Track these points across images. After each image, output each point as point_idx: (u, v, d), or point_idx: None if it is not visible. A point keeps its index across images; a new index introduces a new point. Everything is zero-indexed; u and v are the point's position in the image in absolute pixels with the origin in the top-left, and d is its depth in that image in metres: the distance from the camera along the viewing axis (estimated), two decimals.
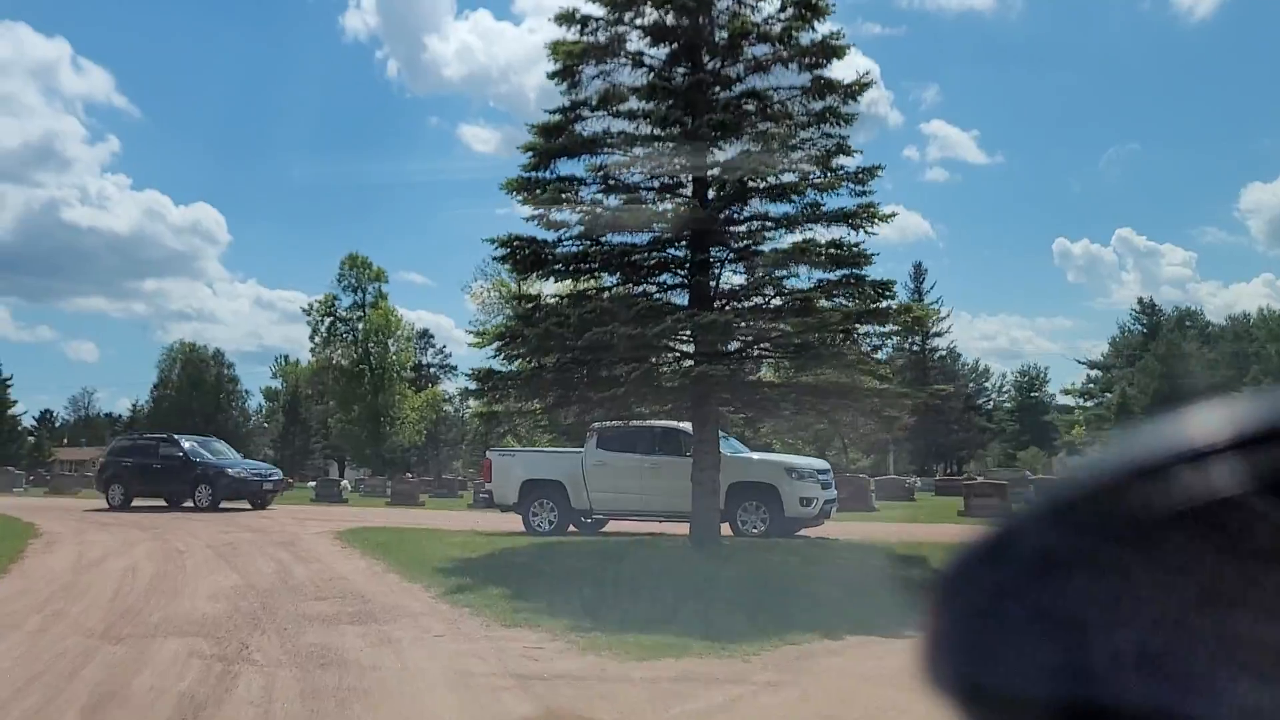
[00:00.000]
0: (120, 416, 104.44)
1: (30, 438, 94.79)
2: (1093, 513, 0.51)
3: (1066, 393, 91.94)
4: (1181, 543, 0.47)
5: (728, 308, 15.45)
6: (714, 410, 15.42)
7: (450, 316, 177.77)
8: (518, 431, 25.36)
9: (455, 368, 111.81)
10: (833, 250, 14.66)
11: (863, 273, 15.00)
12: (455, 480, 42.35)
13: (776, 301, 15.70)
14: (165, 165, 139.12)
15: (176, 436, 29.52)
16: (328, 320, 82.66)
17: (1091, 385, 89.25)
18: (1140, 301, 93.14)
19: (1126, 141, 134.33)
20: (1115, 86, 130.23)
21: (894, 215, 15.39)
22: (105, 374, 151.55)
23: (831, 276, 15.11)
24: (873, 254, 14.98)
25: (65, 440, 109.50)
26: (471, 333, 17.85)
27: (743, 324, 15.43)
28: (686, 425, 18.54)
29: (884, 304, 15.19)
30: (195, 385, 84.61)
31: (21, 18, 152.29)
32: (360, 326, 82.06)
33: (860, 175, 15.10)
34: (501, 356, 16.03)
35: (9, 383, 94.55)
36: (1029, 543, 0.54)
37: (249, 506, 27.37)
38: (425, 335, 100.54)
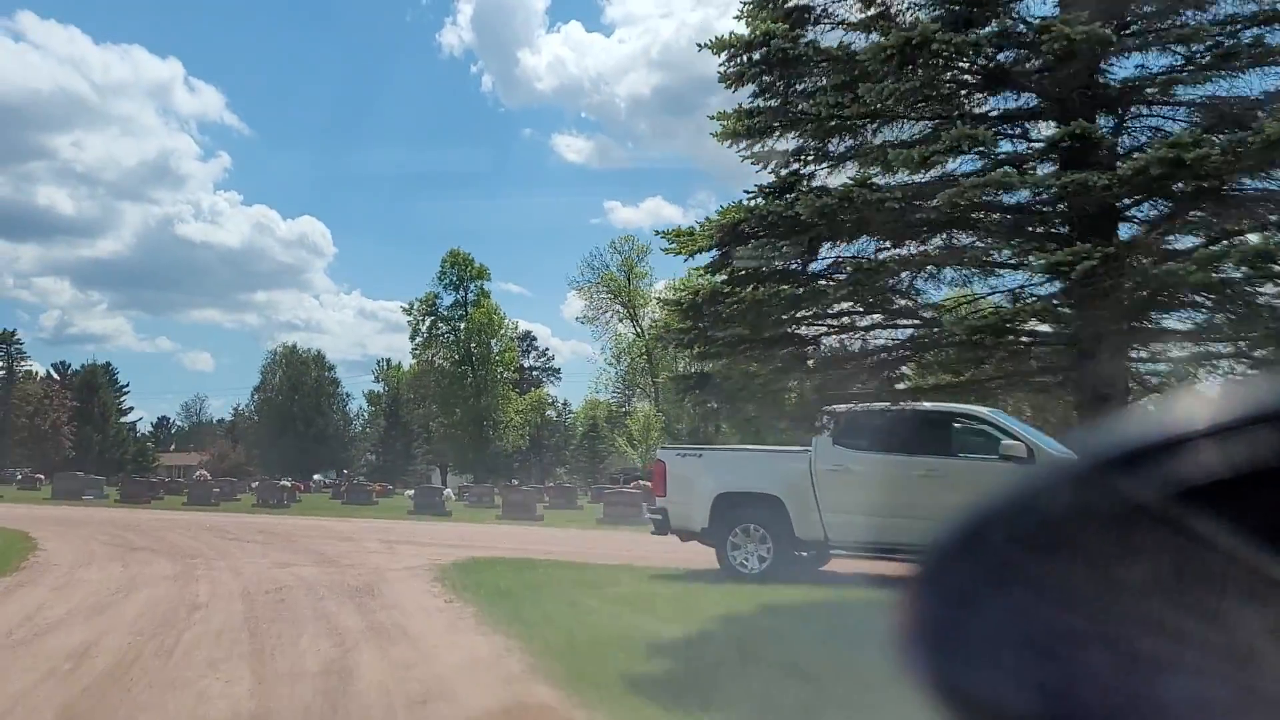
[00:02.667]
0: (223, 420, 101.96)
1: (148, 444, 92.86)
2: (1070, 501, 0.48)
3: None
4: (1154, 532, 0.45)
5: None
6: (1117, 376, 8.26)
7: (546, 325, 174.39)
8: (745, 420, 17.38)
9: (558, 371, 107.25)
10: None
11: None
12: (572, 488, 35.89)
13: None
14: (273, 180, 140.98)
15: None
16: (429, 320, 77.93)
17: None
18: None
19: None
20: None
21: None
22: (220, 383, 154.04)
23: None
24: None
25: (173, 446, 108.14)
26: (667, 233, 11.75)
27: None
28: (985, 409, 11.50)
29: None
30: (295, 388, 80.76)
31: (137, 40, 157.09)
32: (462, 326, 77.10)
33: None
34: (728, 270, 9.26)
35: (125, 390, 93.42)
36: (1005, 532, 0.51)
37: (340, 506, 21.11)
38: (527, 338, 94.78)
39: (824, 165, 9.43)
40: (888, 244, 8.72)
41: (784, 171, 9.27)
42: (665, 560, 13.60)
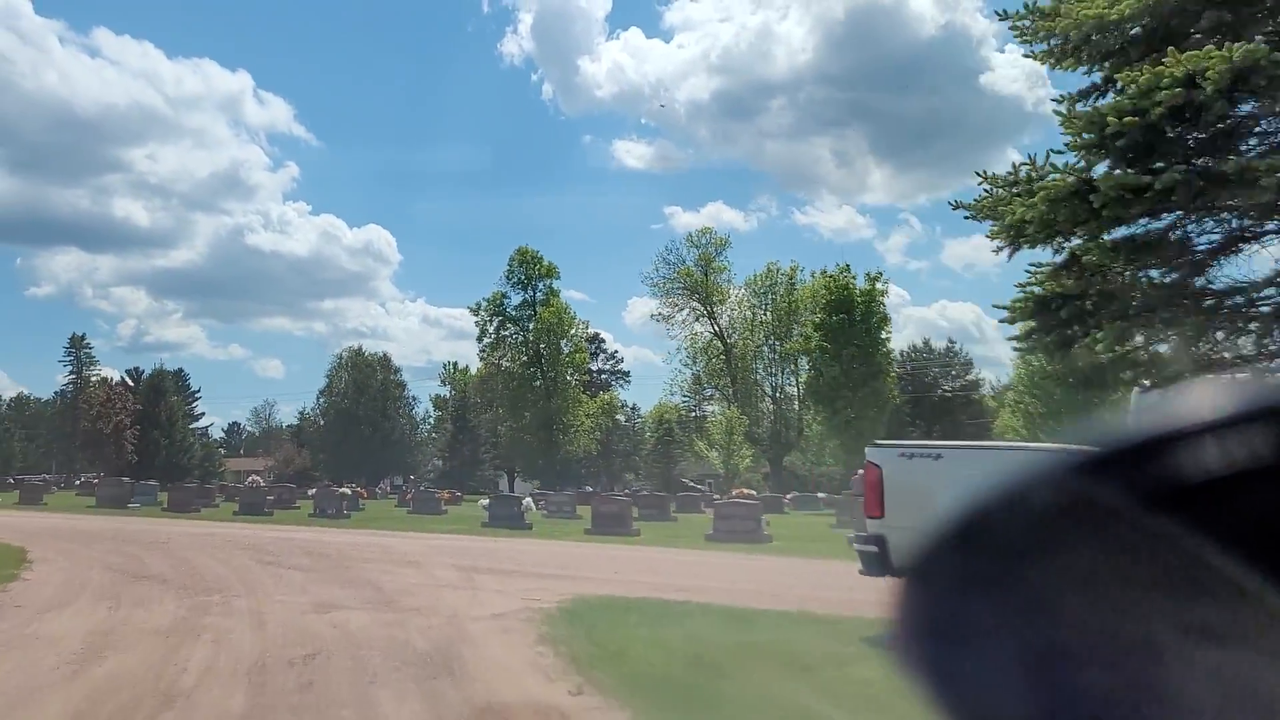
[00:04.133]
0: (291, 426, 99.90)
1: (216, 449, 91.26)
2: (1071, 492, 0.47)
3: None
4: (1159, 522, 0.44)
5: None
6: None
7: (609, 331, 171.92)
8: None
9: (627, 374, 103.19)
10: None
11: None
12: (665, 496, 31.67)
13: None
14: (339, 189, 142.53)
15: None
16: (496, 320, 74.45)
17: None
18: None
19: None
20: None
21: None
22: (290, 389, 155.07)
23: None
24: None
25: (241, 451, 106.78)
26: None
27: None
28: None
29: None
30: (361, 391, 77.98)
31: (208, 54, 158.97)
32: (531, 326, 73.50)
33: None
34: None
35: (196, 395, 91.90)
36: (1005, 524, 0.51)
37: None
38: (595, 340, 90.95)
39: None
40: None
41: None
42: (855, 602, 9.29)
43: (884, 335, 43.54)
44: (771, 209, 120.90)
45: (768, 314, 67.85)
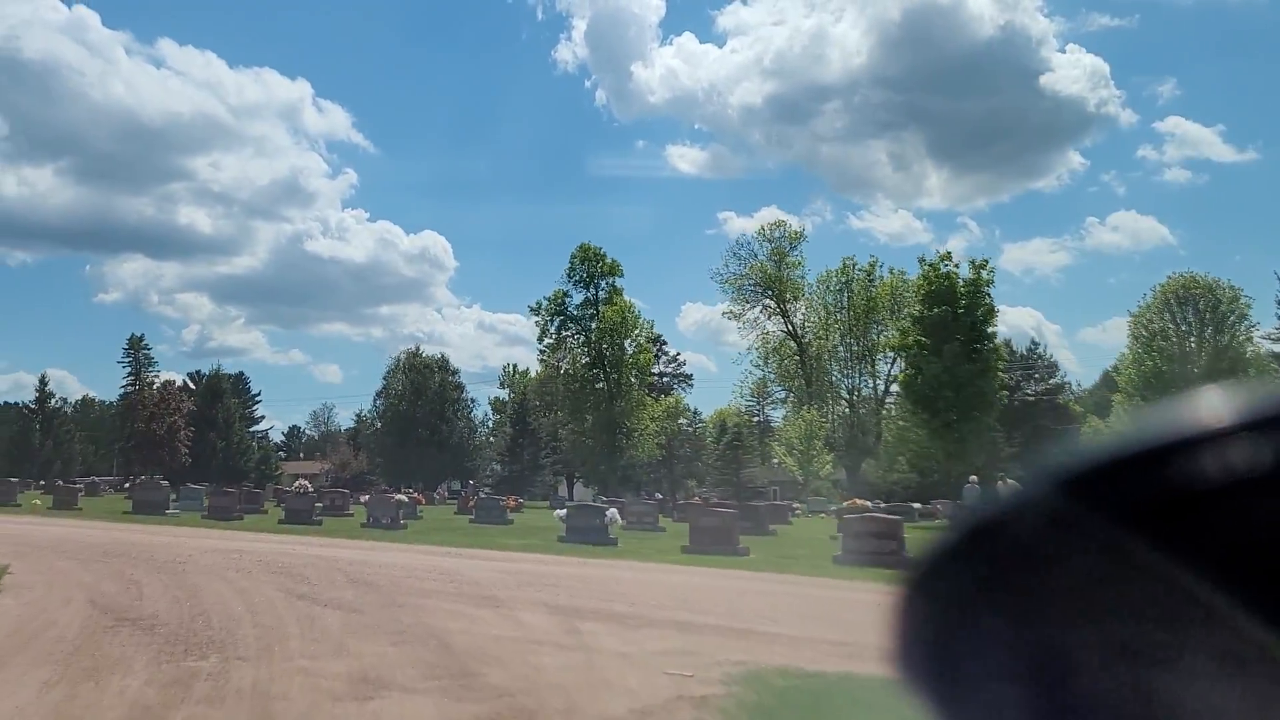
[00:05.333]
0: (349, 429, 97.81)
1: (274, 452, 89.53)
2: (1083, 498, 0.46)
3: None
4: (1176, 531, 0.43)
5: None
6: None
7: (664, 335, 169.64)
8: None
9: (690, 377, 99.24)
10: None
11: None
12: (757, 507, 27.74)
13: None
14: (396, 196, 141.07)
15: None
16: (558, 320, 71.10)
17: None
18: None
19: None
20: None
21: None
22: (349, 394, 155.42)
23: None
24: None
25: (300, 454, 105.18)
26: None
27: None
28: None
29: None
30: (418, 393, 75.18)
31: (268, 63, 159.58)
32: (593, 326, 70.02)
33: None
34: None
35: (257, 399, 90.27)
36: (1011, 534, 0.50)
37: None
38: (657, 341, 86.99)
39: None
40: None
41: None
42: None
43: (990, 329, 39.03)
44: (826, 213, 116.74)
45: (843, 312, 63.63)
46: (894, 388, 63.09)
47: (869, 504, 31.63)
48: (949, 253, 40.40)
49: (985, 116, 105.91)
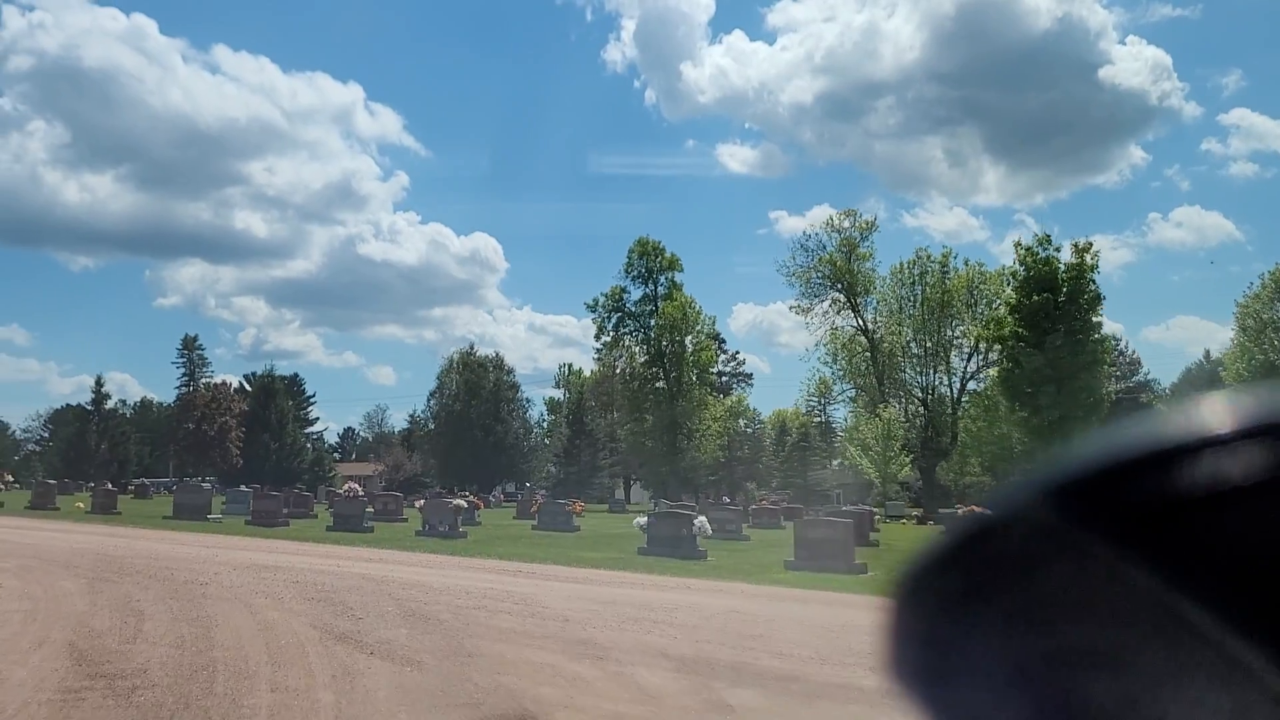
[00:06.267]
0: (402, 430, 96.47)
1: (326, 453, 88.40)
2: (1102, 497, 0.46)
3: None
4: (1175, 536, 0.43)
5: None
6: None
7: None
8: None
9: (750, 376, 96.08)
10: None
11: None
12: (860, 515, 24.68)
13: None
14: (447, 198, 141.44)
15: None
16: (615, 316, 68.52)
17: None
18: None
19: None
20: None
21: None
22: (402, 396, 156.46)
23: None
24: None
25: (354, 456, 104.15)
26: None
27: None
28: None
29: None
30: (473, 393, 73.11)
31: (320, 68, 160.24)
32: (653, 322, 67.27)
33: None
34: None
35: (311, 400, 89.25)
36: (998, 543, 0.50)
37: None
38: (716, 339, 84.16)
39: None
40: None
41: None
42: None
43: (1095, 318, 35.46)
44: (879, 211, 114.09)
45: (916, 306, 60.04)
46: (970, 385, 59.75)
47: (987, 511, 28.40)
48: (1048, 236, 36.91)
49: (1043, 111, 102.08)
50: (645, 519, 18.95)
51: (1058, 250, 35.96)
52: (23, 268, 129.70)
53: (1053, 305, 34.33)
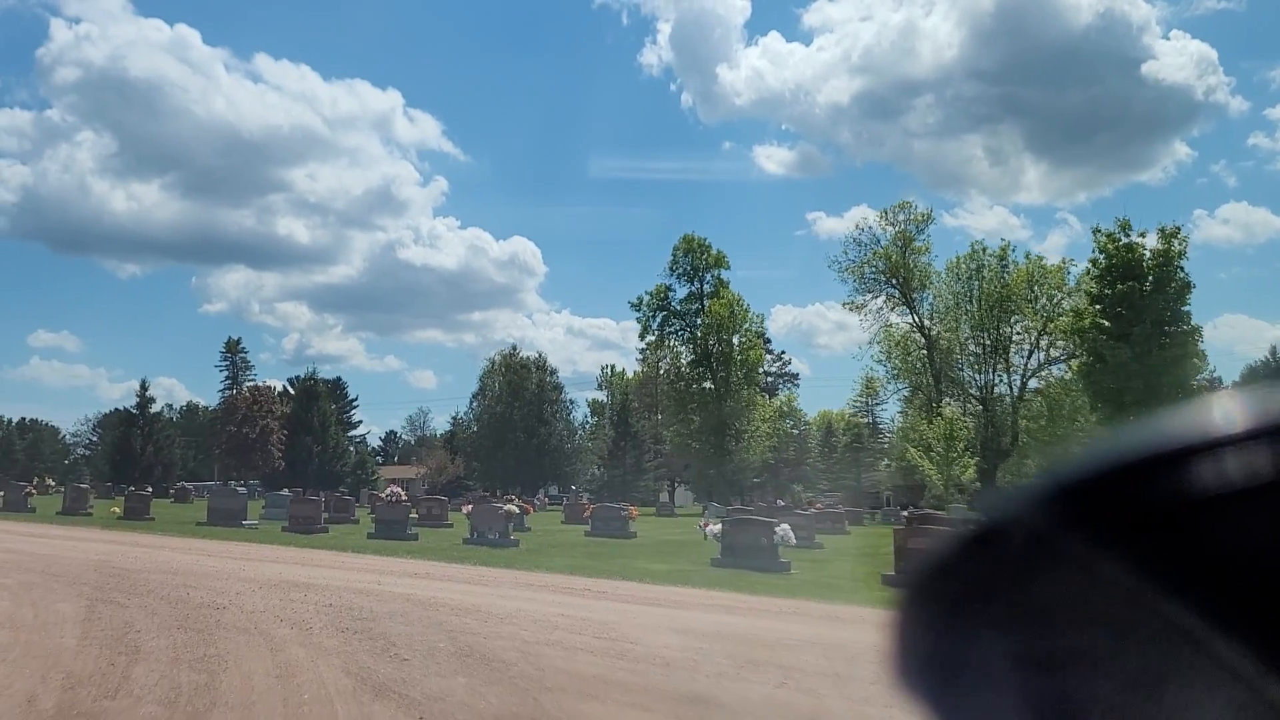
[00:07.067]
0: (444, 433, 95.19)
1: (369, 456, 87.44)
2: (1091, 503, 0.46)
3: None
4: (1188, 537, 0.43)
5: None
6: None
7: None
8: None
9: (796, 376, 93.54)
10: None
11: None
12: (947, 520, 22.41)
13: None
14: (486, 203, 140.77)
15: None
16: (660, 315, 66.46)
17: None
18: None
19: None
20: None
21: None
22: (443, 399, 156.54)
23: None
24: None
25: (396, 459, 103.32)
26: None
27: None
28: None
29: None
30: (516, 395, 71.46)
31: (360, 75, 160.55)
32: (699, 321, 65.13)
33: None
34: None
35: (354, 404, 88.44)
36: (1015, 537, 0.49)
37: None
38: (761, 338, 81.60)
39: None
40: None
41: None
42: None
43: (1185, 307, 32.74)
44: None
45: (973, 302, 57.30)
46: (1031, 383, 56.96)
47: None
48: (1129, 221, 34.15)
49: (1085, 107, 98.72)
50: (717, 526, 16.88)
51: (1141, 236, 33.29)
52: (73, 275, 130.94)
53: (1138, 294, 31.73)
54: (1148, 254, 32.63)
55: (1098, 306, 33.22)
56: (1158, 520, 0.42)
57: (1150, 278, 32.09)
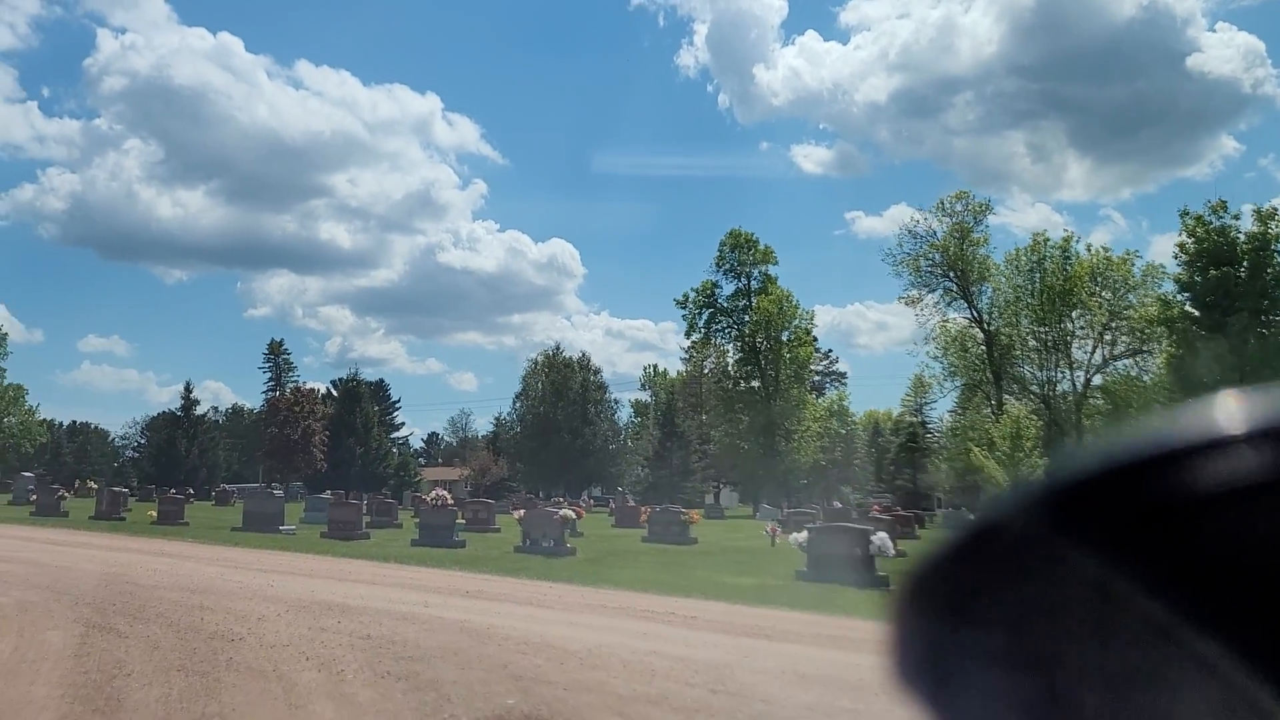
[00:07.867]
0: (487, 435, 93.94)
1: (412, 458, 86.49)
2: (1080, 505, 0.46)
3: None
4: (1182, 537, 0.43)
5: None
6: None
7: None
8: None
9: (844, 375, 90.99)
10: None
11: None
12: None
13: None
14: (524, 205, 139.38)
15: None
16: (706, 313, 64.44)
17: None
18: None
19: None
20: None
21: None
22: (484, 400, 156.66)
23: None
24: None
25: (439, 460, 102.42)
26: None
27: None
28: None
29: None
30: (559, 395, 69.81)
31: (399, 79, 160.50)
32: (746, 319, 63.05)
33: None
34: None
35: (396, 405, 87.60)
36: (1009, 537, 0.50)
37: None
38: (810, 335, 79.00)
39: None
40: None
41: None
42: None
43: None
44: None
45: (1034, 296, 54.50)
46: (1096, 380, 54.17)
47: None
48: (1223, 201, 31.45)
49: (1129, 102, 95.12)
50: (804, 535, 14.88)
51: (1235, 218, 30.67)
52: (122, 281, 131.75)
53: (1233, 281, 29.17)
54: (1242, 237, 30.05)
55: (1186, 295, 30.69)
56: (1146, 522, 0.42)
57: (1245, 263, 29.53)
